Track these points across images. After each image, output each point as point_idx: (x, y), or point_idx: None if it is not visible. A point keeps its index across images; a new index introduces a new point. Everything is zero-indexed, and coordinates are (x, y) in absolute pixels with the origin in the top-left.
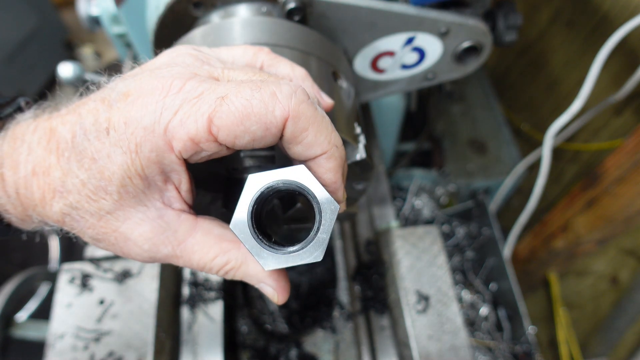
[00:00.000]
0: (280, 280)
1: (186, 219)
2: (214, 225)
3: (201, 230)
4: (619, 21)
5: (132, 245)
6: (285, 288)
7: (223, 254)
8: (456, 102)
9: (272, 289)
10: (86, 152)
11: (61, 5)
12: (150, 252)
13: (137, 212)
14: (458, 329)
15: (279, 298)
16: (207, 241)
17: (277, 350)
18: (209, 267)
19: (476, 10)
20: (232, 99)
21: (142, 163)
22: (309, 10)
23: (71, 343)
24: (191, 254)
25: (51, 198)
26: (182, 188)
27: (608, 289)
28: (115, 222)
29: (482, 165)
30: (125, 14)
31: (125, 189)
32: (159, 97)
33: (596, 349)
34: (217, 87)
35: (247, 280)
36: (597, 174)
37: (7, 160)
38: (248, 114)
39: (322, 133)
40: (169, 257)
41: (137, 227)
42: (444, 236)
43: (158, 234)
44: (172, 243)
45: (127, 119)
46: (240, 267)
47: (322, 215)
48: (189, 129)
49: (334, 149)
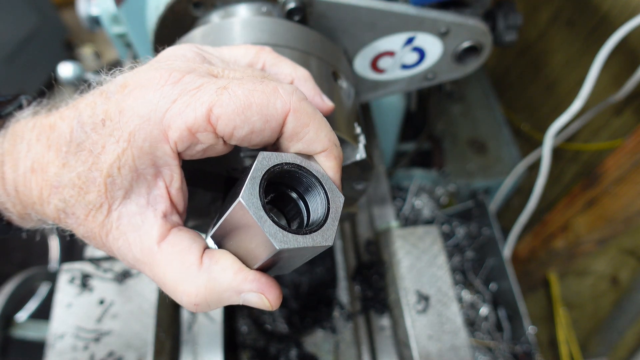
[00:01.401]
0: (262, 278)
1: (161, 225)
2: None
3: (170, 240)
4: (619, 21)
5: (111, 239)
6: (272, 286)
7: (185, 269)
8: (456, 102)
9: (257, 294)
10: (84, 144)
11: (61, 5)
12: (123, 250)
13: (120, 206)
14: (458, 329)
15: (269, 300)
16: (171, 253)
17: (277, 350)
18: (169, 286)
19: (476, 10)
20: (234, 88)
21: (134, 153)
22: (309, 10)
23: (71, 343)
24: (154, 263)
25: (48, 195)
26: (173, 185)
27: (608, 289)
28: (100, 216)
29: (482, 165)
30: (125, 14)
31: (112, 179)
32: (157, 86)
33: (596, 349)
34: (217, 80)
35: (225, 301)
36: (597, 174)
37: (8, 157)
38: (250, 104)
39: (323, 130)
40: (138, 261)
41: (115, 220)
42: (444, 236)
43: (132, 230)
44: (141, 244)
45: (123, 108)
46: (207, 285)
47: (331, 205)
48: (187, 118)
49: (334, 147)
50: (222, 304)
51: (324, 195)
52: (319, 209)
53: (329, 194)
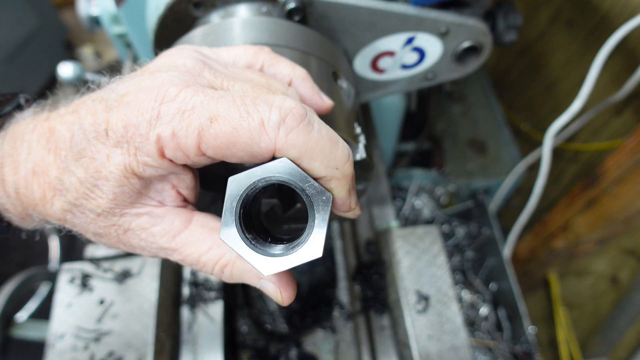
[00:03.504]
0: (283, 276)
1: (182, 212)
2: (210, 219)
3: (196, 222)
4: (619, 21)
5: (130, 235)
6: (290, 285)
7: (217, 246)
8: (456, 102)
9: (274, 286)
10: (85, 151)
11: (61, 5)
12: (147, 242)
13: (133, 208)
14: (458, 329)
15: (282, 296)
16: (202, 233)
17: (277, 350)
18: (203, 262)
19: (476, 10)
20: (220, 122)
21: (140, 165)
22: (309, 10)
23: (71, 343)
24: (186, 246)
25: (52, 196)
26: (182, 186)
27: (608, 289)
28: (112, 217)
29: (482, 165)
30: (125, 14)
31: (122, 188)
32: (154, 103)
33: (596, 349)
34: (209, 103)
35: (245, 280)
36: (597, 174)
37: (7, 160)
38: (234, 142)
39: (317, 159)
40: (166, 250)
41: (134, 219)
42: (444, 236)
43: (154, 224)
44: (167, 234)
45: (126, 123)
46: (236, 262)
47: (315, 208)
48: (180, 142)
49: (335, 172)
50: (242, 281)
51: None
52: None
53: (307, 200)
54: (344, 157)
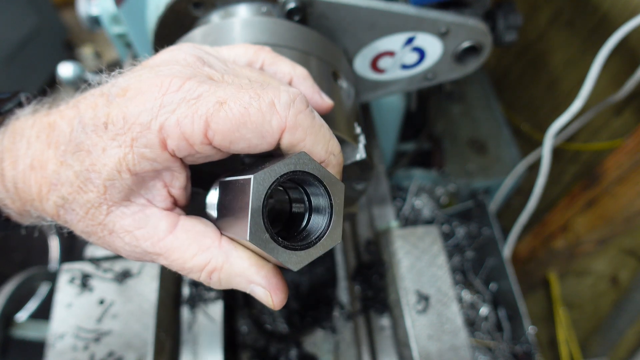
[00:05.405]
0: (273, 278)
1: (168, 215)
2: (197, 222)
3: (182, 227)
4: (619, 21)
5: (115, 237)
6: (280, 288)
7: (202, 251)
8: (456, 102)
9: (265, 290)
10: (83, 145)
11: (61, 5)
12: (131, 246)
13: (120, 206)
14: (458, 329)
15: (273, 300)
16: (187, 239)
17: (277, 350)
18: (189, 268)
19: (476, 10)
20: (231, 104)
21: (135, 158)
22: (309, 10)
23: (71, 343)
24: (170, 251)
25: (47, 192)
26: (174, 185)
27: (608, 289)
28: (100, 215)
29: (482, 165)
30: (125, 14)
31: (112, 182)
32: (157, 94)
33: (596, 349)
34: (216, 90)
35: (234, 285)
36: (597, 174)
37: (7, 154)
38: (245, 122)
39: (320, 143)
40: (151, 255)
41: (119, 219)
42: (444, 236)
43: (138, 227)
44: (151, 238)
45: (126, 114)
46: (223, 266)
47: (332, 198)
48: (185, 130)
49: (332, 157)
50: (231, 286)
51: (324, 191)
52: (321, 203)
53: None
54: (338, 146)
